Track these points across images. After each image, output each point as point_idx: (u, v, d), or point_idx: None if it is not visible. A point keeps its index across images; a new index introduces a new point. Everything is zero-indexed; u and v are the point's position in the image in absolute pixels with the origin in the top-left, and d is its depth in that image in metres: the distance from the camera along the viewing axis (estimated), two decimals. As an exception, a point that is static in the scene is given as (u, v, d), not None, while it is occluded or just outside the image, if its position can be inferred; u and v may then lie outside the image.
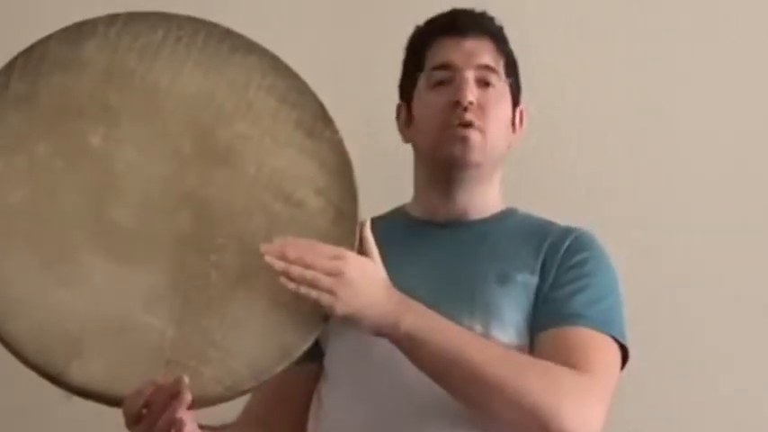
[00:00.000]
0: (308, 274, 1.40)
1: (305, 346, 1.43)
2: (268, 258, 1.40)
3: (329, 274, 1.41)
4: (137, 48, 1.48)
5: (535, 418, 1.44)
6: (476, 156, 1.63)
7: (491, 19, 1.72)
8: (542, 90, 2.02)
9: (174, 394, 1.34)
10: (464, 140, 1.62)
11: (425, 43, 1.70)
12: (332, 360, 1.62)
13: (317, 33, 1.78)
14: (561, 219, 1.69)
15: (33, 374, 1.39)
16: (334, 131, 1.49)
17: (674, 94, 2.11)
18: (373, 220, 1.49)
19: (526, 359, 1.50)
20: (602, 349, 1.55)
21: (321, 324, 1.44)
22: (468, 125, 1.62)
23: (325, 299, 1.40)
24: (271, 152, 1.47)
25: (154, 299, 1.41)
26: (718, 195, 2.09)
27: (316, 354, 1.62)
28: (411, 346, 1.45)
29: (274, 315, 1.42)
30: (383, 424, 1.54)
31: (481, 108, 1.64)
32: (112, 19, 1.49)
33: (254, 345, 1.41)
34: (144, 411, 1.35)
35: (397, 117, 1.74)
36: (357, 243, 1.46)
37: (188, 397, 1.34)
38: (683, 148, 2.10)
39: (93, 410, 1.43)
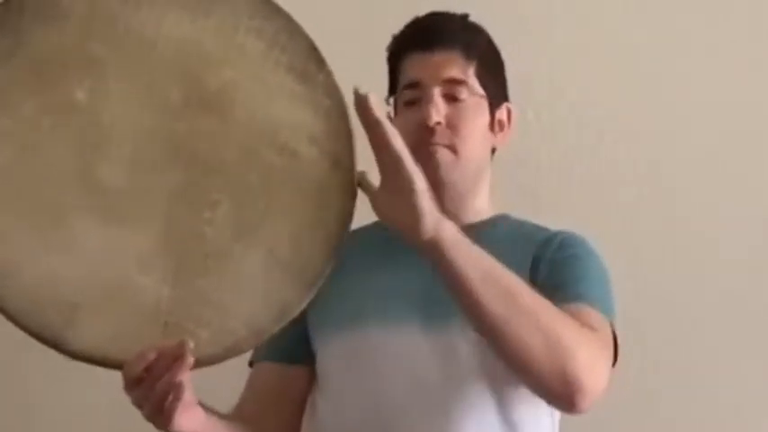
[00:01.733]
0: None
1: (303, 303, 1.40)
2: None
3: None
4: None
5: (554, 354, 1.41)
6: (448, 175, 1.61)
7: (461, 23, 1.67)
8: (539, 92, 2.05)
9: (176, 357, 1.33)
10: (429, 159, 1.58)
11: (398, 58, 1.67)
12: (322, 366, 1.61)
13: (314, 33, 1.73)
14: (559, 220, 1.68)
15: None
16: (328, 74, 1.42)
17: (672, 95, 2.10)
18: (357, 231, 1.45)
19: (553, 305, 1.46)
20: (602, 324, 1.53)
21: (320, 279, 1.40)
22: (436, 146, 1.59)
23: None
24: (262, 100, 1.41)
25: (148, 259, 1.38)
26: (717, 195, 2.09)
27: (310, 356, 1.62)
28: (449, 253, 1.39)
29: (272, 272, 1.39)
30: (375, 424, 1.53)
31: (451, 125, 1.61)
32: None
33: (252, 303, 1.39)
34: (143, 375, 1.35)
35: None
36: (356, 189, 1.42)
37: (190, 360, 1.33)
38: (682, 149, 2.09)
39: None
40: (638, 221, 2.08)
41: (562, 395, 1.44)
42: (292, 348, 1.42)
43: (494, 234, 1.63)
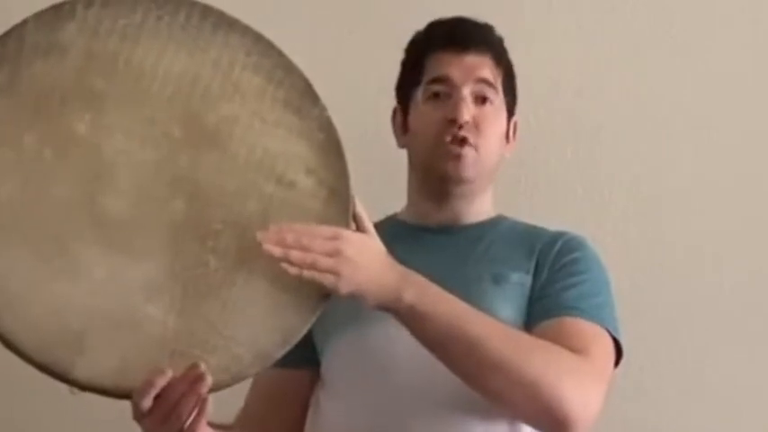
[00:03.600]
0: (308, 257, 1.40)
1: (306, 328, 1.44)
2: (266, 246, 1.39)
3: (328, 254, 1.41)
4: (118, 30, 1.44)
5: (536, 398, 1.46)
6: (469, 172, 1.66)
7: (492, 32, 1.73)
8: (538, 91, 2.04)
9: (190, 381, 1.35)
10: (458, 158, 1.65)
11: (424, 54, 1.70)
12: (328, 366, 1.64)
13: (314, 33, 1.75)
14: (557, 219, 1.73)
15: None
16: (322, 109, 1.48)
17: (670, 94, 2.12)
18: None
19: (528, 338, 1.52)
20: (598, 338, 1.58)
21: (322, 303, 1.44)
22: (463, 141, 1.64)
23: (327, 279, 1.40)
24: (260, 133, 1.46)
25: (153, 289, 1.40)
26: (716, 194, 2.10)
27: (312, 359, 1.65)
28: (413, 319, 1.46)
29: (275, 298, 1.42)
30: (381, 424, 1.56)
31: (477, 125, 1.66)
32: (90, 1, 1.44)
33: (256, 329, 1.42)
34: (152, 404, 1.36)
35: (393, 120, 1.75)
36: (351, 221, 1.47)
37: (209, 380, 1.36)
38: (681, 148, 2.11)
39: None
40: (634, 222, 2.09)
41: (553, 429, 1.50)
42: (295, 352, 1.44)
43: (496, 233, 1.69)
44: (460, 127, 1.65)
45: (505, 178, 1.78)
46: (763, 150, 2.11)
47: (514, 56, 1.75)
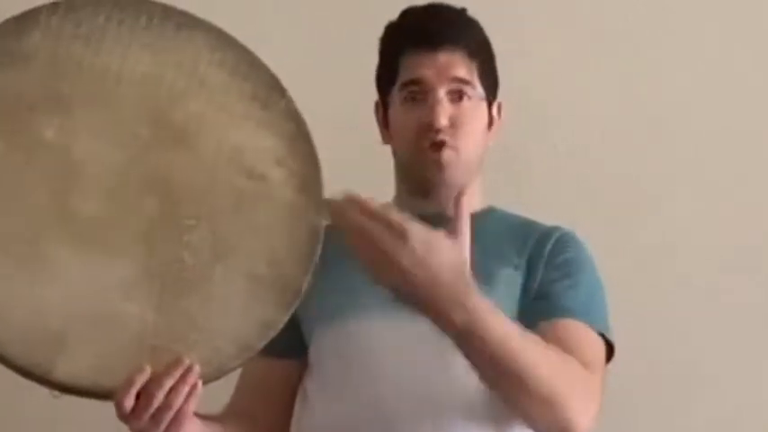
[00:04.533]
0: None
1: (286, 318, 1.44)
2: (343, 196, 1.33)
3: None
4: (81, 35, 1.45)
5: (549, 410, 1.44)
6: (450, 175, 1.65)
7: (464, 21, 1.69)
8: (530, 84, 2.05)
9: (185, 371, 1.36)
10: (437, 164, 1.64)
11: (398, 52, 1.68)
12: (317, 354, 1.64)
13: (296, 27, 1.77)
14: (549, 212, 1.72)
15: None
16: (289, 100, 1.49)
17: (661, 87, 2.13)
18: None
19: (553, 350, 1.47)
20: (594, 344, 1.58)
21: (299, 294, 1.44)
22: (441, 145, 1.63)
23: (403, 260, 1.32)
24: (228, 128, 1.47)
25: (130, 286, 1.41)
26: (707, 186, 2.11)
27: (299, 348, 1.64)
28: (465, 335, 1.38)
29: (252, 290, 1.43)
30: (365, 417, 1.56)
31: (454, 126, 1.64)
32: (53, 8, 1.45)
33: (236, 322, 1.42)
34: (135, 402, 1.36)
35: (376, 114, 1.74)
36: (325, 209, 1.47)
37: (197, 370, 1.37)
38: (671, 141, 2.12)
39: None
40: (626, 217, 2.11)
41: None
42: (282, 342, 1.43)
43: (485, 227, 1.65)
44: (438, 131, 1.63)
45: (495, 169, 1.77)
46: (754, 143, 2.12)
47: (505, 46, 1.72)
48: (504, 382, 1.44)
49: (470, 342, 1.38)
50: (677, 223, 2.11)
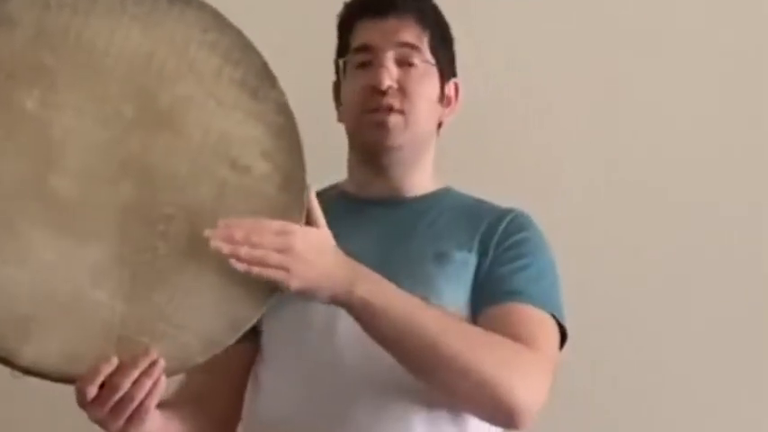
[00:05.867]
0: (258, 253, 1.37)
1: (256, 317, 1.42)
2: (214, 243, 1.36)
3: (278, 250, 1.38)
4: (69, 3, 1.39)
5: (486, 392, 1.46)
6: (395, 139, 1.63)
7: None
8: (488, 61, 2.02)
9: (150, 364, 1.35)
10: (382, 125, 1.62)
11: (349, 25, 1.68)
12: (268, 340, 1.62)
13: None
14: (505, 195, 1.70)
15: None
16: (280, 92, 1.44)
17: (623, 74, 2.10)
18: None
19: (480, 332, 1.51)
20: (545, 325, 1.57)
21: (272, 294, 1.42)
22: (388, 110, 1.61)
23: (278, 276, 1.38)
24: (215, 115, 1.42)
25: (101, 273, 1.37)
26: (668, 173, 2.08)
27: (252, 333, 1.60)
28: (365, 314, 1.44)
29: (225, 286, 1.40)
30: (318, 403, 1.55)
31: (402, 90, 1.62)
32: None
33: (205, 318, 1.40)
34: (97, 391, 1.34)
35: (334, 92, 1.71)
36: (305, 209, 1.44)
37: (162, 363, 1.35)
38: (632, 127, 2.09)
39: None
40: (582, 200, 2.08)
41: (500, 422, 1.52)
42: None
43: (439, 207, 1.66)
44: (383, 93, 1.62)
45: (454, 151, 1.75)
46: (714, 129, 2.10)
47: (468, 28, 1.72)
48: (421, 362, 1.45)
49: (374, 319, 1.43)
50: (638, 207, 2.09)
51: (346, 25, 1.69)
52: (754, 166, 2.10)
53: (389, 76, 1.62)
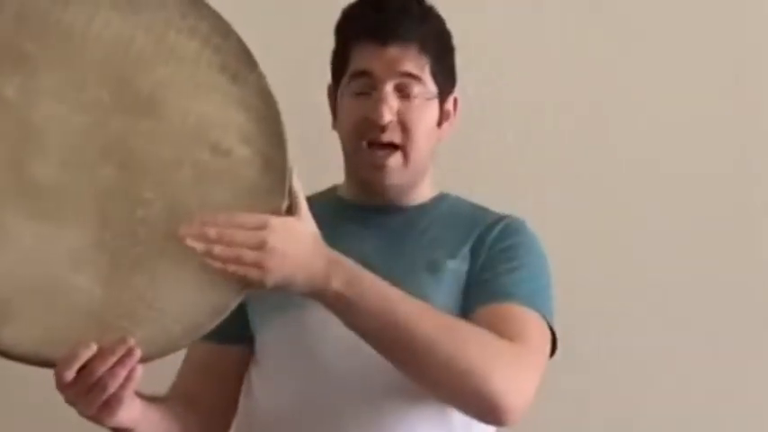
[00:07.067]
0: (232, 251, 1.36)
1: (237, 301, 1.41)
2: (189, 242, 1.35)
3: (254, 247, 1.36)
4: None
5: (468, 385, 1.44)
6: (395, 180, 1.61)
7: (420, 13, 1.62)
8: (479, 67, 2.03)
9: (126, 352, 1.34)
10: (381, 168, 1.59)
11: (348, 43, 1.62)
12: (262, 345, 1.62)
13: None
14: (497, 200, 1.69)
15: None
16: (260, 76, 1.43)
17: (613, 76, 2.11)
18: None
19: (462, 324, 1.49)
20: (534, 324, 1.55)
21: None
22: (387, 146, 1.58)
23: (253, 274, 1.36)
24: (195, 99, 1.42)
25: (80, 258, 1.38)
26: (658, 176, 2.10)
27: (247, 336, 1.62)
28: (341, 307, 1.42)
29: (206, 271, 1.38)
30: (310, 407, 1.54)
31: (402, 123, 1.59)
32: None
33: (186, 302, 1.39)
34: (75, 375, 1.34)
35: (329, 97, 1.68)
36: (287, 192, 1.43)
37: (138, 353, 1.35)
38: (622, 131, 2.10)
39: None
40: (574, 205, 2.09)
41: (485, 417, 1.49)
42: (230, 329, 1.42)
43: (434, 216, 1.64)
44: (383, 129, 1.58)
45: (445, 158, 1.75)
46: (714, 129, 2.11)
47: (458, 33, 1.67)
48: (402, 354, 1.43)
49: (349, 311, 1.41)
50: (629, 211, 2.11)
51: (344, 44, 1.64)
52: (753, 167, 2.12)
53: (390, 111, 1.58)
